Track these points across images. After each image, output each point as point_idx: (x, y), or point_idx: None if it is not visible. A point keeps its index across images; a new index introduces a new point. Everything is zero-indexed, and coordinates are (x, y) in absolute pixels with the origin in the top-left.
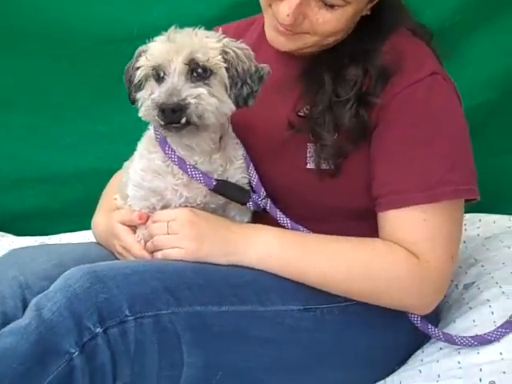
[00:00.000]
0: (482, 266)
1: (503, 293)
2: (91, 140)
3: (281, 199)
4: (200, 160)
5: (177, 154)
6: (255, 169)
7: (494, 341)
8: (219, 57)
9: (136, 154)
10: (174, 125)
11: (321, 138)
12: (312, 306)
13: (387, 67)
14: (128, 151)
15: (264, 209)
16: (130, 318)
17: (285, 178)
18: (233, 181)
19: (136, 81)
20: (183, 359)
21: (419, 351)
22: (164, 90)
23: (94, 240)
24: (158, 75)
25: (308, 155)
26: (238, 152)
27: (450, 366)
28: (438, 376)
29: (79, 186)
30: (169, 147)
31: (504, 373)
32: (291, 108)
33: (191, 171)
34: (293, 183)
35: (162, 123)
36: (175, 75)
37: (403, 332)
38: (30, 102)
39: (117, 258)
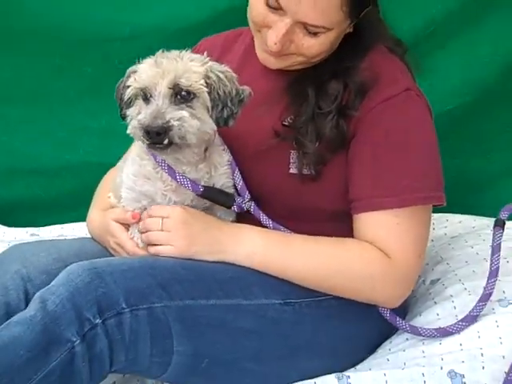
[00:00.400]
0: (448, 263)
1: (465, 289)
2: (82, 134)
3: (265, 201)
4: (187, 169)
5: (167, 162)
6: (241, 173)
7: (455, 333)
8: (202, 81)
9: (129, 155)
10: (157, 145)
11: (303, 146)
12: (292, 300)
13: (365, 83)
14: (118, 147)
15: (248, 210)
16: (126, 310)
17: (269, 181)
18: (218, 185)
19: (126, 98)
20: (173, 348)
21: (387, 341)
22: (149, 111)
23: (84, 232)
24: (146, 96)
25: (291, 161)
26: (223, 158)
27: (415, 355)
28: (404, 364)
29: (69, 179)
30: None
31: (463, 362)
32: (277, 118)
33: (180, 179)
34: (276, 186)
35: (147, 143)
36: (160, 98)
37: (374, 324)
38: (25, 96)
39: (110, 253)
